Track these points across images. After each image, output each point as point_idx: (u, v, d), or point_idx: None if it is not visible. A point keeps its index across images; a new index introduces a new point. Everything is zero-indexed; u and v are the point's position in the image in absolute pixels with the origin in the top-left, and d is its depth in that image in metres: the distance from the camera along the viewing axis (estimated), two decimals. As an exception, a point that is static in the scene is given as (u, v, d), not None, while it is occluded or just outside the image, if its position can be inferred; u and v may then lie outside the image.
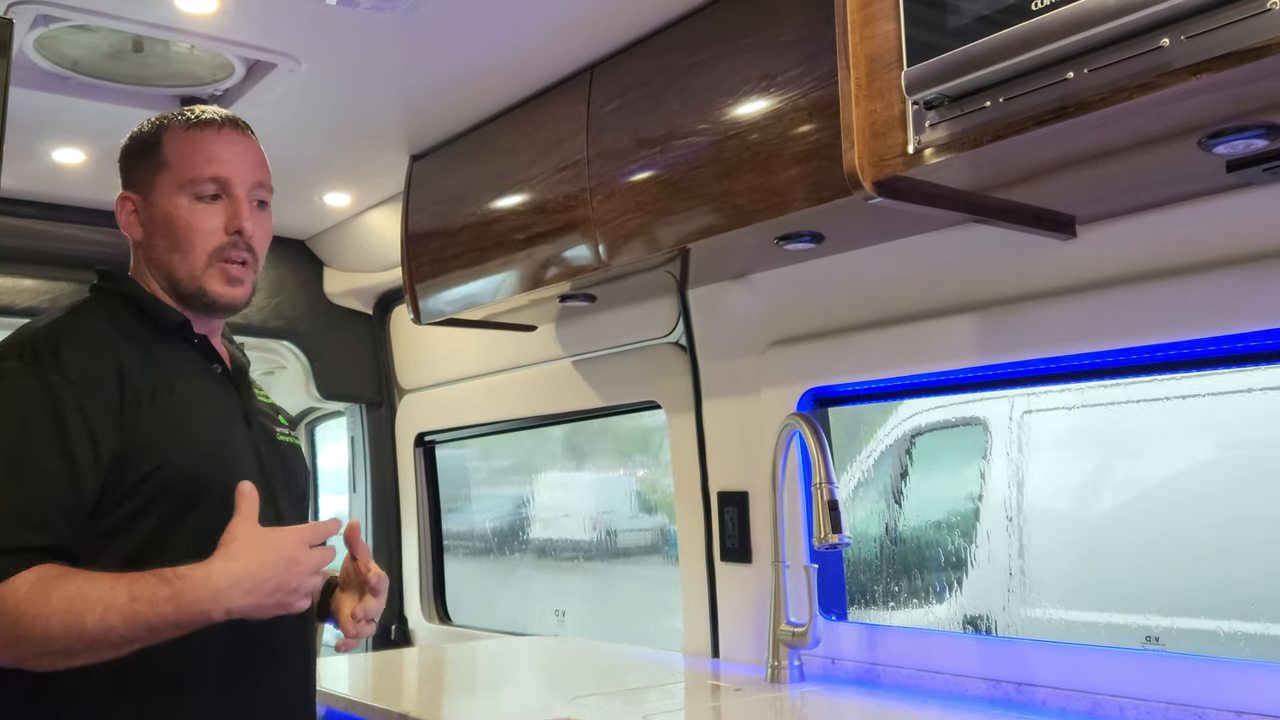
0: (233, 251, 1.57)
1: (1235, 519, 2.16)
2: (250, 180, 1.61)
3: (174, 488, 1.48)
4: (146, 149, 1.62)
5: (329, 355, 3.75)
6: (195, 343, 1.62)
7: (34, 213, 3.21)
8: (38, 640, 1.31)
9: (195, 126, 1.60)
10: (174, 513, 1.48)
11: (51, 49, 2.29)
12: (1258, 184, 1.63)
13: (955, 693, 2.04)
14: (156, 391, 1.50)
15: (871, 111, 1.56)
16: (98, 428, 1.43)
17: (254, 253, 1.61)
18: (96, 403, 1.44)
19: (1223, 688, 1.69)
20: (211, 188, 1.58)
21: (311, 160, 2.95)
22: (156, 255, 1.60)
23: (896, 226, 2.03)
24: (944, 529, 2.67)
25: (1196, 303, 1.73)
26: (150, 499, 1.46)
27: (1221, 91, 1.25)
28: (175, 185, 1.58)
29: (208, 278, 1.58)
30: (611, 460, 3.78)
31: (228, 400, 1.63)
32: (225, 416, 1.60)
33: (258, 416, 1.67)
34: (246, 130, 1.65)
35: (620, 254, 2.23)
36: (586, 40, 2.26)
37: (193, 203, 1.57)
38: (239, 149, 1.61)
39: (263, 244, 1.64)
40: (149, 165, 1.61)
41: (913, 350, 2.14)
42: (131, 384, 1.48)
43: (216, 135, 1.60)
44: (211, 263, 1.57)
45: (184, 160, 1.58)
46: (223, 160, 1.59)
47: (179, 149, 1.59)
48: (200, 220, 1.57)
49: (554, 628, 3.56)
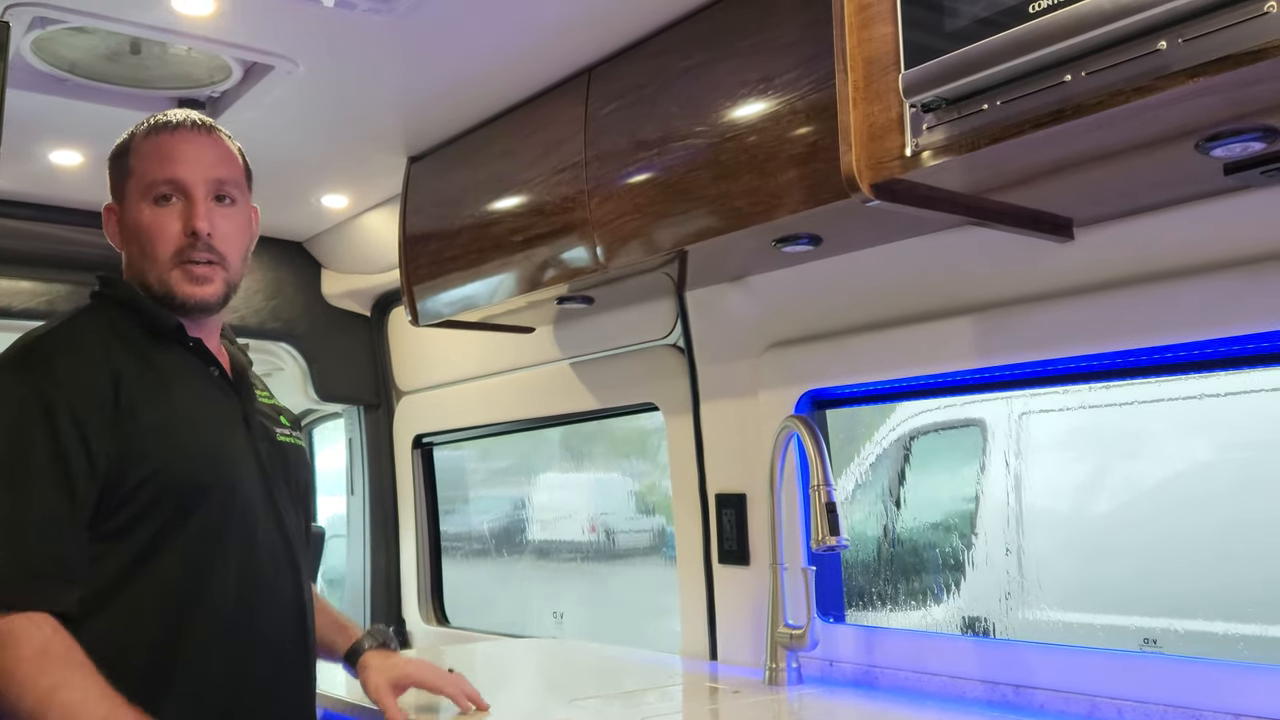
0: (191, 253, 1.57)
1: (1232, 521, 2.17)
2: (208, 178, 1.60)
3: (171, 493, 1.49)
4: (120, 159, 1.65)
5: (327, 357, 3.75)
6: (190, 346, 1.63)
7: (31, 214, 3.20)
8: (5, 700, 1.34)
9: (154, 131, 1.62)
10: (173, 518, 1.50)
11: (49, 51, 2.29)
12: (1255, 187, 1.63)
13: (953, 695, 2.04)
14: (153, 397, 1.52)
15: (869, 114, 1.56)
16: (91, 435, 1.44)
17: (216, 251, 1.59)
18: (91, 410, 1.45)
19: (1220, 690, 1.69)
20: (166, 189, 1.58)
21: (309, 162, 2.95)
22: (133, 262, 1.63)
23: (894, 229, 2.03)
24: (942, 531, 2.67)
25: (1194, 305, 1.73)
26: (149, 504, 1.48)
27: (1219, 94, 1.25)
28: (139, 192, 1.60)
29: (173, 280, 1.58)
30: (609, 462, 3.78)
31: (226, 403, 1.64)
32: (223, 419, 1.62)
33: (258, 418, 1.68)
34: (209, 130, 1.64)
35: (618, 256, 2.23)
36: (584, 42, 2.26)
37: (152, 207, 1.59)
38: (195, 149, 1.60)
39: (229, 240, 1.62)
40: (121, 174, 1.64)
41: (910, 352, 2.14)
42: (127, 390, 1.49)
43: (172, 137, 1.60)
44: (174, 265, 1.58)
45: (144, 166, 1.60)
46: (176, 161, 1.59)
47: (140, 155, 1.61)
48: (159, 223, 1.58)
49: (552, 630, 3.56)
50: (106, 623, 1.46)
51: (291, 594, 1.65)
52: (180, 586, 1.52)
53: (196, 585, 1.53)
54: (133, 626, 1.49)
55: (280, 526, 1.66)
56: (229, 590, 1.56)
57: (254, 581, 1.59)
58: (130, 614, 1.48)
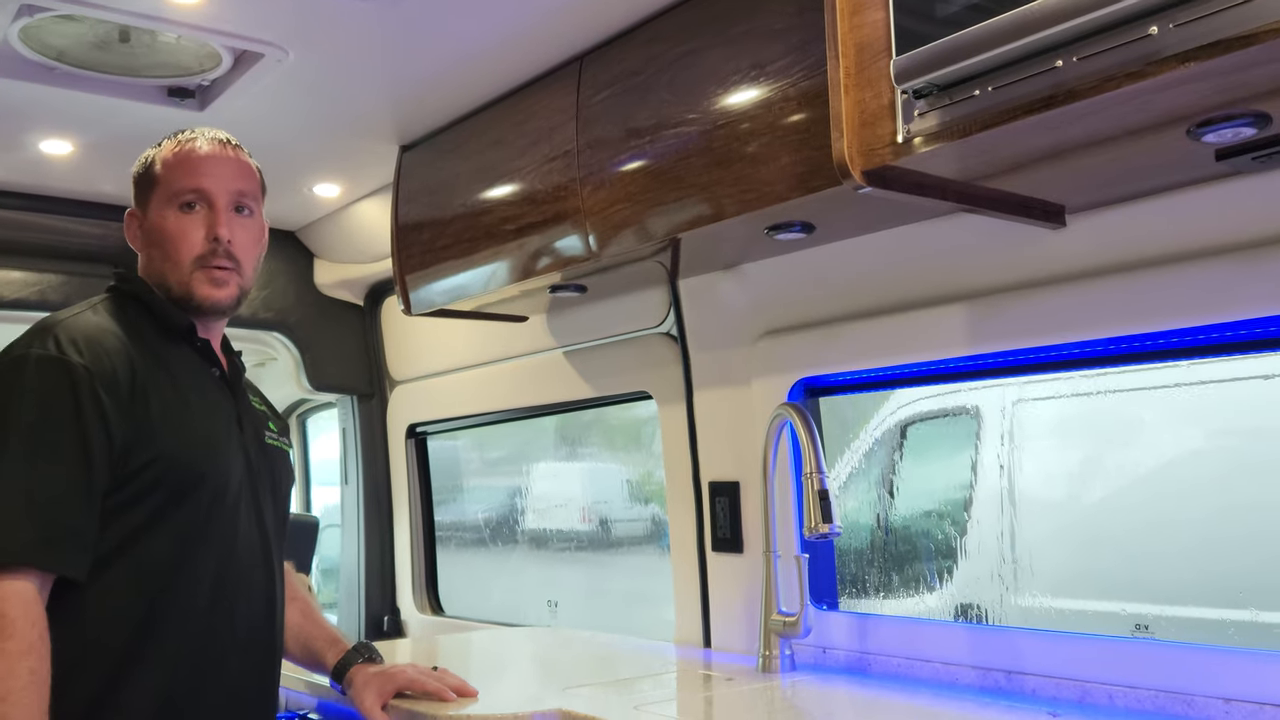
0: (213, 258, 1.71)
1: (1225, 507, 2.17)
2: (230, 190, 1.74)
3: (168, 477, 1.60)
4: (146, 170, 1.78)
5: (320, 347, 3.74)
6: (198, 346, 1.74)
7: (21, 204, 3.19)
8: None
9: (181, 146, 1.76)
10: (166, 502, 1.60)
11: (36, 39, 2.27)
12: (1247, 173, 1.63)
13: (946, 681, 2.05)
14: (162, 387, 1.64)
15: (860, 101, 1.56)
16: (110, 415, 1.56)
17: (234, 258, 1.73)
18: (111, 392, 1.57)
19: (1211, 675, 1.70)
20: (192, 198, 1.72)
21: (301, 151, 2.94)
22: (153, 264, 1.75)
23: (887, 216, 2.03)
24: (936, 518, 2.67)
25: (1187, 291, 1.73)
26: (147, 486, 1.60)
27: (1210, 80, 1.25)
28: (164, 199, 1.73)
29: (194, 282, 1.71)
30: (604, 451, 3.78)
31: (223, 402, 1.75)
32: (220, 416, 1.72)
33: (249, 420, 1.79)
34: (231, 146, 1.79)
35: (610, 244, 2.23)
36: (576, 29, 2.25)
37: (177, 213, 1.72)
38: (219, 162, 1.75)
39: (245, 249, 1.76)
40: (146, 184, 1.77)
41: (903, 340, 2.14)
42: (140, 378, 1.61)
43: (199, 152, 1.75)
44: (196, 268, 1.71)
45: (171, 176, 1.73)
46: (203, 173, 1.73)
47: (167, 167, 1.74)
48: (184, 229, 1.71)
49: (546, 618, 3.57)
50: (93, 595, 1.55)
51: (264, 588, 1.75)
52: (163, 568, 1.61)
53: (178, 568, 1.62)
54: (113, 603, 1.58)
55: (260, 523, 1.76)
56: (207, 577, 1.65)
57: (231, 572, 1.69)
58: (112, 591, 1.58)
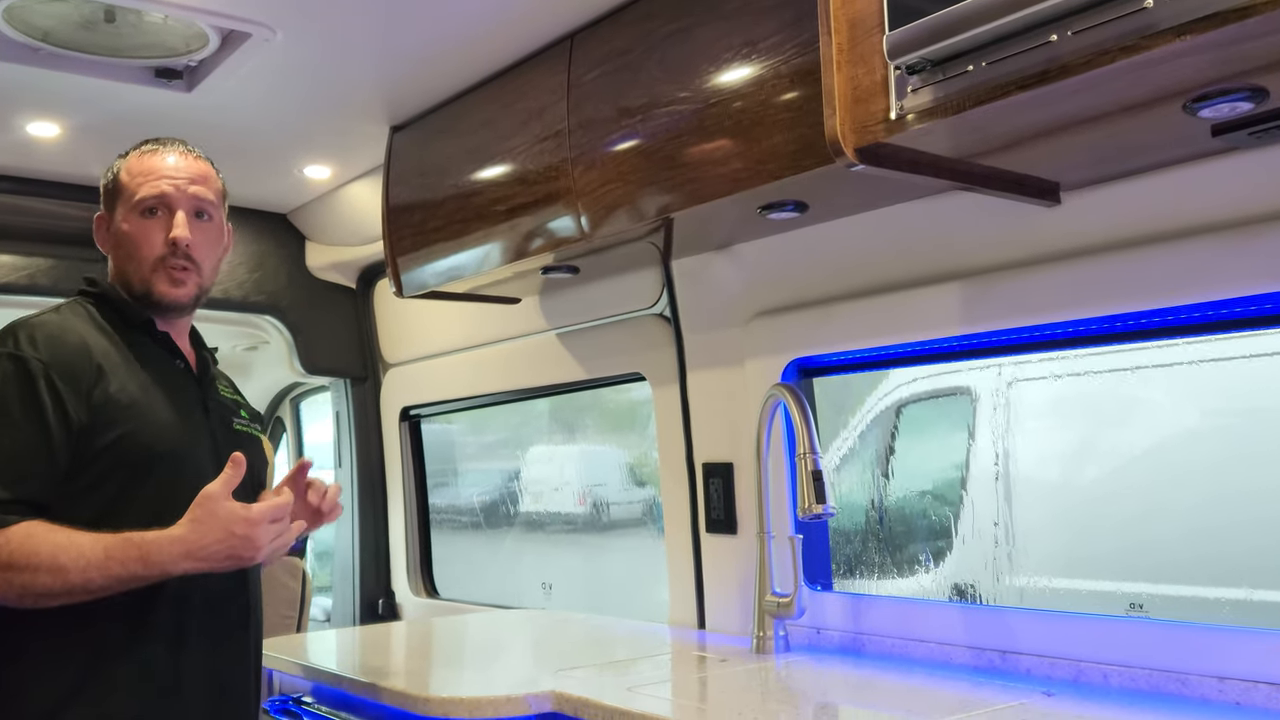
0: (172, 259, 1.80)
1: (1219, 486, 2.17)
2: (189, 196, 1.82)
3: (131, 457, 1.69)
4: (114, 179, 1.86)
5: (312, 330, 3.72)
6: (158, 338, 1.83)
7: (8, 187, 3.16)
8: (24, 584, 1.55)
9: (145, 156, 1.85)
10: (132, 480, 1.69)
11: (21, 20, 2.24)
12: (1243, 148, 1.61)
13: (940, 661, 2.05)
14: (122, 375, 1.73)
15: (853, 77, 1.54)
16: (67, 398, 1.65)
17: (193, 259, 1.82)
18: (68, 380, 1.66)
19: (1205, 653, 1.70)
20: (154, 204, 1.81)
21: (290, 132, 2.91)
22: (118, 265, 1.85)
23: (880, 194, 2.02)
24: (930, 499, 2.67)
25: (1182, 269, 1.72)
26: (111, 466, 1.67)
27: (1206, 54, 1.24)
28: (128, 206, 1.82)
29: (155, 280, 1.80)
30: (600, 434, 3.78)
31: (187, 389, 1.84)
32: (182, 401, 1.80)
33: (216, 407, 1.88)
34: (192, 156, 1.87)
35: (603, 225, 2.21)
36: (566, 8, 2.22)
37: (140, 219, 1.81)
38: (179, 168, 1.83)
39: (204, 251, 1.84)
40: (113, 192, 1.86)
41: (897, 319, 2.13)
42: (101, 368, 1.70)
43: (160, 159, 1.84)
44: (157, 268, 1.80)
45: (135, 185, 1.82)
46: (163, 178, 1.82)
47: (131, 175, 1.83)
48: (146, 232, 1.80)
49: (541, 601, 3.57)
50: None
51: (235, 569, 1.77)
52: None
53: None
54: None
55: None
56: None
57: None
58: None
